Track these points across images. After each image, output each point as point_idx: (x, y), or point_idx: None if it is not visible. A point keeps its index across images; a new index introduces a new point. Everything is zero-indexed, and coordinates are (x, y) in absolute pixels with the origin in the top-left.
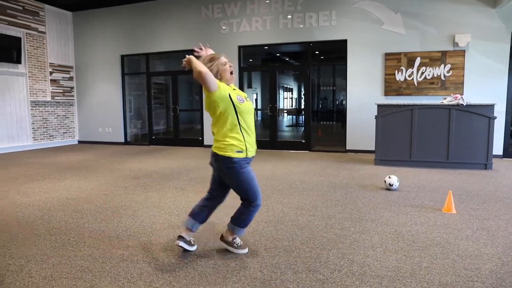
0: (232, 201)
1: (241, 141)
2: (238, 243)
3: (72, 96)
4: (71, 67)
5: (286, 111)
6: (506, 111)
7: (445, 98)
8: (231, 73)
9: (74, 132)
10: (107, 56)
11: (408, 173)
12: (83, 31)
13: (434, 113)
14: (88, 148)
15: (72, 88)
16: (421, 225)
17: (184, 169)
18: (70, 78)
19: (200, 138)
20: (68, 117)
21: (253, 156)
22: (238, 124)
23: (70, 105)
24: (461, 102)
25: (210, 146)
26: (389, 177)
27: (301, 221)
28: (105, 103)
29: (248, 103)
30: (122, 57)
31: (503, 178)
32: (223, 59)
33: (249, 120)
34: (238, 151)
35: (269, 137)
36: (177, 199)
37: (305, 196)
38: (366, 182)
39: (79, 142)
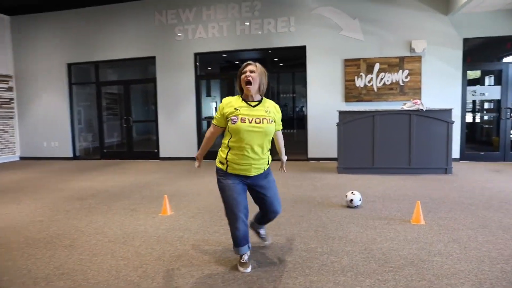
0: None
1: (223, 157)
2: (245, 259)
3: (12, 108)
4: (10, 77)
5: None
6: (461, 115)
7: (405, 104)
8: (247, 83)
9: (14, 147)
10: (52, 64)
11: (372, 181)
12: (24, 37)
13: (395, 119)
14: (30, 165)
15: (11, 99)
16: (391, 241)
17: (136, 186)
18: (9, 89)
19: (156, 151)
20: (7, 131)
21: (241, 175)
22: (227, 141)
23: (9, 118)
24: (420, 107)
25: (166, 158)
26: (353, 193)
27: (264, 243)
28: (50, 115)
29: (241, 124)
30: (69, 65)
31: (464, 182)
32: (244, 69)
33: (246, 140)
34: (220, 162)
35: None
36: (125, 223)
37: None
38: (330, 193)
39: (21, 158)
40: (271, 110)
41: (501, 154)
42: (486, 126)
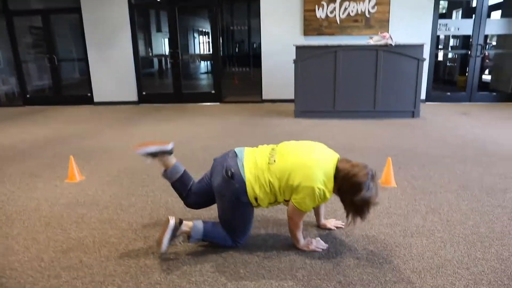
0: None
1: (260, 197)
2: (181, 242)
3: None
4: None
5: (199, 57)
6: (430, 52)
7: (372, 38)
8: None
9: None
10: None
11: (333, 128)
12: None
13: (360, 55)
14: None
15: None
16: None
17: (52, 140)
18: None
19: (89, 94)
20: None
21: None
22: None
23: None
24: (389, 42)
25: (101, 103)
26: None
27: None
28: None
29: None
30: None
31: (433, 128)
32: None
33: None
34: (254, 197)
35: (172, 89)
36: (13, 196)
37: None
38: None
39: None
40: None
41: (467, 95)
42: (450, 64)
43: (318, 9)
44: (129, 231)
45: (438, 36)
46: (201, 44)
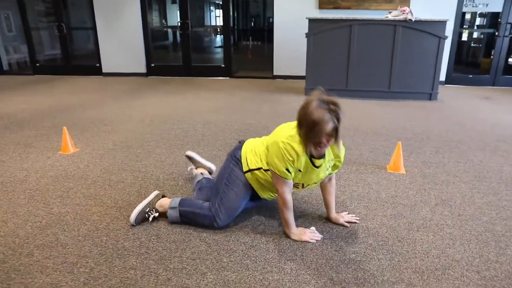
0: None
1: (255, 166)
2: (154, 216)
3: None
4: None
5: (215, 30)
6: (453, 30)
7: (390, 12)
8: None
9: None
10: None
11: (344, 107)
12: None
13: (377, 30)
14: None
15: None
16: (358, 202)
17: (54, 110)
18: None
19: (98, 65)
20: None
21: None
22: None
23: None
24: (409, 17)
25: (109, 74)
26: None
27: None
28: None
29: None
30: None
31: (451, 111)
32: (321, 140)
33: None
34: (248, 165)
35: (181, 62)
36: (3, 167)
37: (201, 151)
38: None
39: None
40: (333, 158)
41: (491, 78)
42: (474, 45)
43: None
44: (113, 208)
45: (464, 13)
46: (217, 18)
